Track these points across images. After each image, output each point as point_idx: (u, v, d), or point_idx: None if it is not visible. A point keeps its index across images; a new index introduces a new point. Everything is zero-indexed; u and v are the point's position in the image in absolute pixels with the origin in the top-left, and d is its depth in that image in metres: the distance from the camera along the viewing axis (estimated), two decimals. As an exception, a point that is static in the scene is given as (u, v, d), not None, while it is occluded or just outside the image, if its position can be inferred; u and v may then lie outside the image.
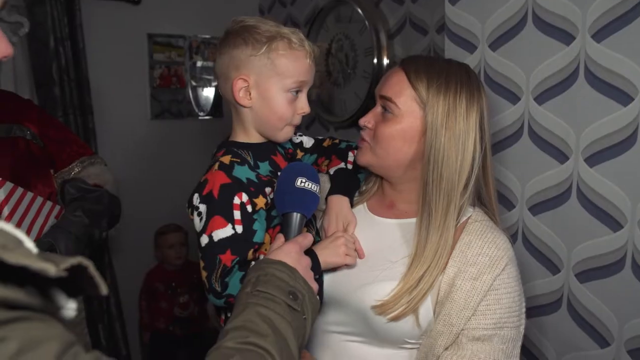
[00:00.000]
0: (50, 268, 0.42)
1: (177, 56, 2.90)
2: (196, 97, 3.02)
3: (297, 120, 1.07)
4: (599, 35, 1.20)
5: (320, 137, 1.26)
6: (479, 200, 1.13)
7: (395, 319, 0.98)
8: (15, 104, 1.53)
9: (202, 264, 0.99)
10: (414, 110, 1.01)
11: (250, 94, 1.04)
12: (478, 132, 1.01)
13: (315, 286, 0.87)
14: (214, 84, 3.06)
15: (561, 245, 1.31)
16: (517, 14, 1.35)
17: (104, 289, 0.47)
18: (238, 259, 0.96)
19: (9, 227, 0.46)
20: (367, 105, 2.36)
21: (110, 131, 2.69)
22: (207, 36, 2.97)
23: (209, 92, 3.07)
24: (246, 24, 1.05)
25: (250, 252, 0.99)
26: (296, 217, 0.96)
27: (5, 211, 1.29)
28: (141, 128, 2.84)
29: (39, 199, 1.39)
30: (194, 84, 2.99)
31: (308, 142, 1.24)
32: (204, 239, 0.98)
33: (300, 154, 1.21)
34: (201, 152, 3.04)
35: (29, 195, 1.36)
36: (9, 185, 1.31)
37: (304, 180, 0.97)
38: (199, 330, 2.77)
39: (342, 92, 2.52)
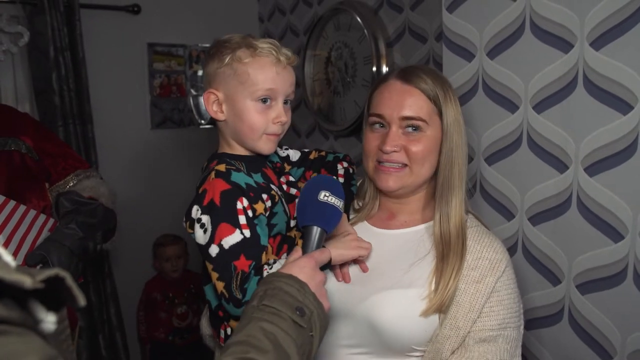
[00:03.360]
0: (26, 280, 0.41)
1: (177, 65, 2.90)
2: (197, 105, 3.02)
3: (274, 129, 1.04)
4: (598, 42, 1.18)
5: (305, 150, 1.24)
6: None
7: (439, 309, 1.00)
8: (10, 118, 1.53)
9: (215, 275, 0.95)
10: (435, 121, 1.08)
11: (222, 107, 1.04)
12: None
13: (327, 304, 0.85)
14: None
15: (562, 255, 1.29)
16: (515, 21, 1.33)
17: (81, 301, 0.46)
18: (254, 263, 0.94)
19: None
20: (367, 114, 2.35)
21: (110, 140, 2.69)
22: (207, 45, 2.97)
23: (209, 101, 3.06)
24: (219, 40, 1.05)
25: (263, 255, 0.97)
26: (316, 231, 0.93)
27: (-4, 224, 1.28)
28: (141, 137, 2.84)
29: (32, 212, 1.38)
30: (194, 92, 3.00)
31: (294, 155, 1.23)
32: (214, 249, 0.95)
33: (287, 168, 1.20)
34: (203, 161, 3.04)
35: (22, 208, 1.35)
36: (0, 198, 1.30)
37: (327, 194, 0.94)
38: (199, 339, 2.75)
39: (341, 100, 2.51)
